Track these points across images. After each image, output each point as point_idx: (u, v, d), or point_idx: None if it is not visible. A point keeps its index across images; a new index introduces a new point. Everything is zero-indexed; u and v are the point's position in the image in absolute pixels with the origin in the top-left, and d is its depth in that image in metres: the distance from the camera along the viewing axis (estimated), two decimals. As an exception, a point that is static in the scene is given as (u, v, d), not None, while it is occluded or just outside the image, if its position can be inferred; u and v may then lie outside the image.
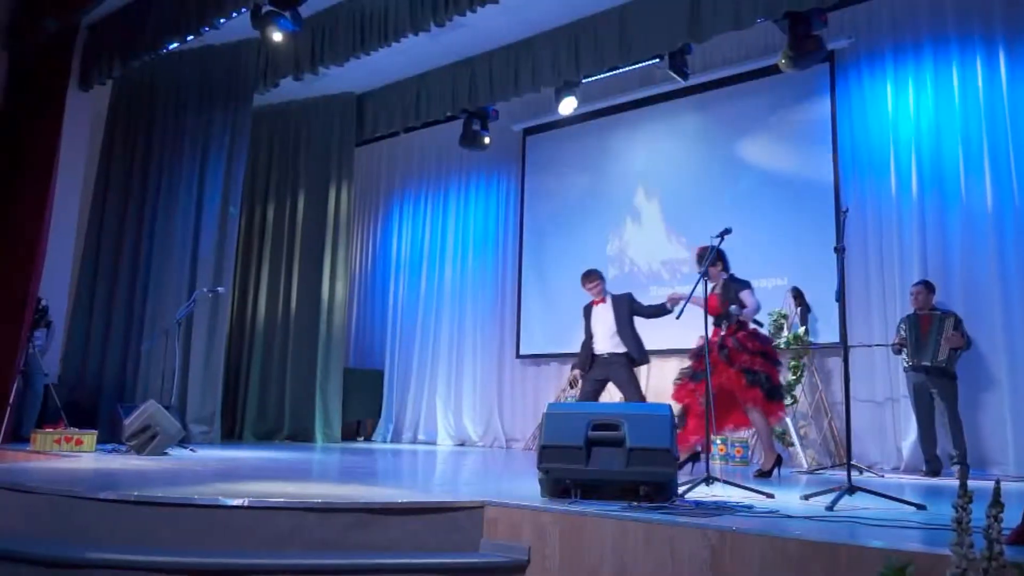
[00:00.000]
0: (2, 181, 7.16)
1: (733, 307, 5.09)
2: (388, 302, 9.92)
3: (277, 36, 6.62)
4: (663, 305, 5.70)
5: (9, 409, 6.58)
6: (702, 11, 6.23)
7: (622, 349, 5.79)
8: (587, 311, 6.07)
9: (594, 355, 5.90)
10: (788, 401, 6.51)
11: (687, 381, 5.26)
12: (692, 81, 7.43)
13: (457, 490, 3.82)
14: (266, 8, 6.40)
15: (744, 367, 4.98)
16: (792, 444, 6.41)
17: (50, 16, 6.80)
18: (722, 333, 5.16)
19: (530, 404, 8.57)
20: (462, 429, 8.92)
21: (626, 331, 5.82)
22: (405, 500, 3.10)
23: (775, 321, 6.76)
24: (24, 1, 7.34)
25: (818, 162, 6.96)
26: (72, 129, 7.28)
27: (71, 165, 7.40)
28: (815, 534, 2.42)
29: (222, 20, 6.62)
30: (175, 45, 7.18)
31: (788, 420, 6.43)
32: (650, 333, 7.62)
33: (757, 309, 5.20)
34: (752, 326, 5.19)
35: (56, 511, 3.18)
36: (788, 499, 3.62)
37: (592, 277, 6.09)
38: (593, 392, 5.93)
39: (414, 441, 9.15)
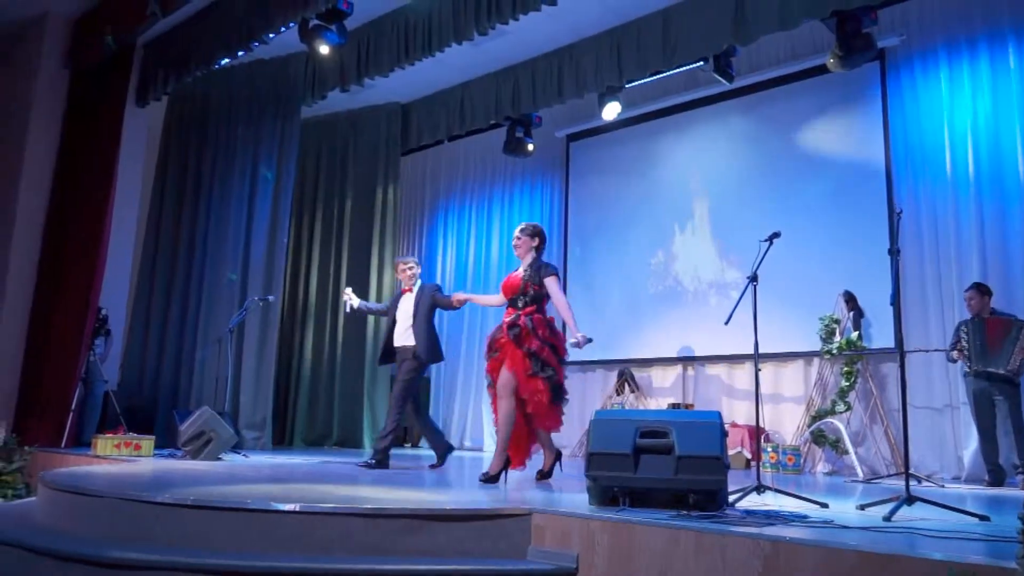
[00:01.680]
0: (65, 196, 7.42)
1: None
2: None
3: (324, 49, 6.74)
4: (451, 301, 5.53)
5: (72, 415, 6.80)
6: (747, 12, 6.16)
7: (411, 343, 5.51)
8: (395, 299, 5.79)
9: (394, 347, 5.63)
10: (842, 408, 6.38)
11: (491, 391, 4.69)
12: (738, 83, 7.35)
13: (504, 497, 3.82)
14: (313, 22, 6.52)
15: (531, 350, 4.45)
16: (846, 452, 6.26)
17: (109, 36, 7.03)
18: (517, 312, 4.63)
19: (576, 411, 8.49)
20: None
21: (421, 325, 5.50)
22: (453, 506, 3.11)
23: (826, 326, 6.62)
24: (84, 22, 7.61)
25: (870, 163, 6.80)
26: (129, 144, 7.51)
27: (129, 179, 7.64)
28: (873, 545, 2.35)
29: (271, 35, 6.76)
30: (226, 60, 7.36)
31: (842, 427, 6.29)
32: (698, 339, 7.55)
33: (567, 303, 4.67)
34: (551, 316, 4.69)
35: (117, 514, 3.28)
36: (843, 509, 3.53)
37: (406, 261, 5.82)
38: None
39: (460, 447, 9.18)
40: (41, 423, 6.75)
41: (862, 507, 3.48)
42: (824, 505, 3.53)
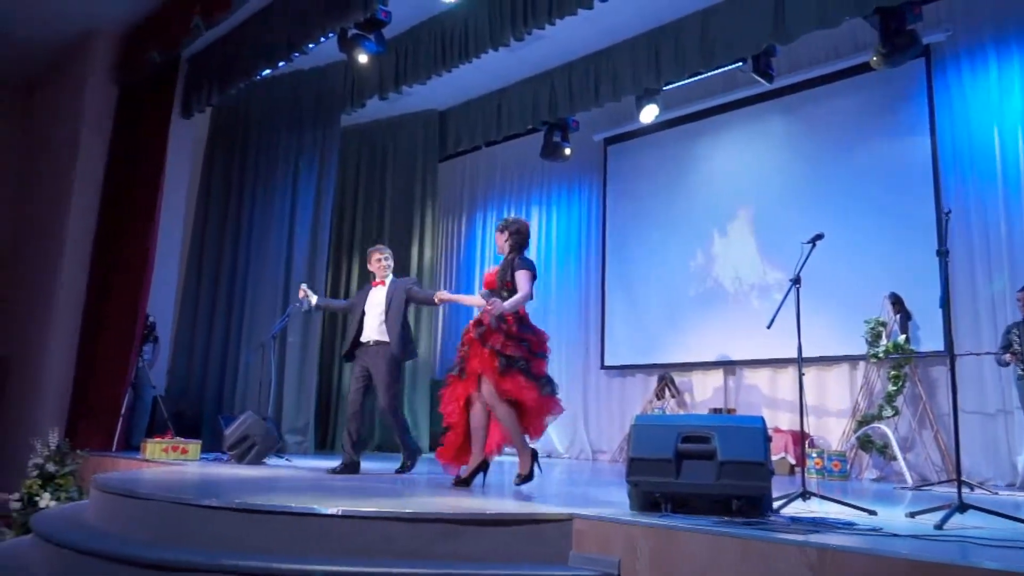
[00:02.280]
0: (114, 208, 7.61)
1: (483, 291, 4.49)
2: (473, 313, 10.01)
3: (363, 58, 6.82)
4: (431, 297, 5.35)
5: (121, 420, 6.97)
6: (787, 11, 6.07)
7: (385, 339, 5.26)
8: (364, 292, 5.52)
9: (359, 343, 5.34)
10: (889, 412, 6.24)
11: (451, 378, 4.49)
12: (778, 83, 7.25)
13: (545, 502, 3.81)
14: (352, 32, 6.60)
15: (495, 348, 4.23)
16: (895, 458, 6.12)
17: (154, 51, 7.21)
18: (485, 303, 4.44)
19: (616, 416, 8.48)
20: (548, 441, 8.89)
21: (395, 320, 5.24)
22: (493, 511, 3.11)
23: (872, 329, 6.49)
24: (131, 38, 7.82)
25: (916, 162, 6.65)
26: (175, 155, 7.68)
27: (174, 189, 7.82)
28: (923, 554, 2.29)
29: (311, 45, 6.86)
30: (267, 71, 7.49)
31: (890, 432, 6.15)
32: (740, 343, 7.46)
33: (517, 302, 4.33)
34: (523, 312, 4.44)
35: (165, 517, 3.35)
36: (892, 516, 3.45)
37: (382, 251, 5.54)
38: (361, 390, 5.30)
39: (500, 452, 9.18)
40: (93, 427, 6.93)
41: (912, 515, 3.39)
42: (872, 512, 3.45)
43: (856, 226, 6.83)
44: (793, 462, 6.64)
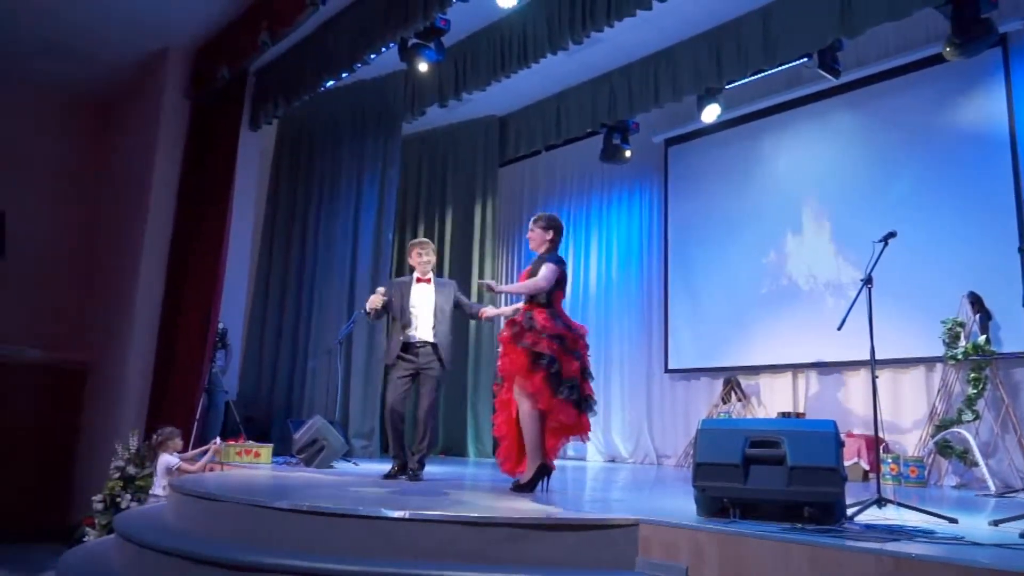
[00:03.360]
0: (187, 220, 7.89)
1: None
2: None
3: (423, 67, 6.92)
4: (477, 312, 5.18)
5: (196, 424, 7.21)
6: (853, 4, 5.90)
7: (436, 340, 5.05)
8: (402, 288, 5.18)
9: (408, 343, 5.05)
10: (969, 416, 6.00)
11: (496, 388, 4.45)
12: (845, 78, 7.04)
13: (610, 507, 3.79)
14: (412, 41, 6.71)
15: (526, 345, 4.13)
16: (976, 464, 5.87)
17: (224, 67, 7.45)
18: (521, 308, 4.37)
19: (680, 420, 8.37)
20: (612, 445, 8.84)
21: (444, 324, 5.09)
22: (559, 516, 3.11)
23: (950, 330, 6.24)
24: (202, 55, 8.10)
25: (993, 155, 6.37)
26: (244, 167, 7.89)
27: (244, 200, 8.06)
28: (1009, 564, 2.18)
29: (372, 56, 6.99)
30: (331, 83, 7.66)
31: (971, 438, 5.90)
32: (809, 345, 7.28)
33: (537, 286, 4.28)
34: (552, 309, 4.33)
35: (240, 518, 3.45)
36: (974, 525, 3.31)
37: (423, 246, 5.28)
38: (404, 391, 5.03)
39: (563, 457, 9.16)
40: (169, 432, 7.17)
41: (995, 523, 3.25)
42: (953, 520, 3.32)
43: (931, 223, 6.59)
44: (867, 468, 6.43)
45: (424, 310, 5.13)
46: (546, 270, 4.33)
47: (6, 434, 8.28)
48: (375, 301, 5.17)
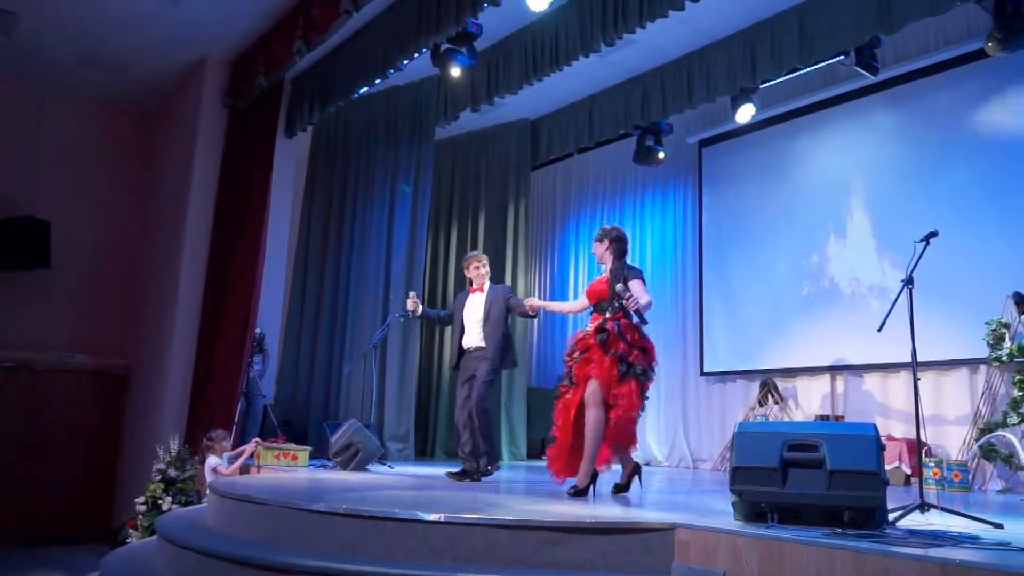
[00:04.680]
0: (225, 226, 8.02)
1: (619, 286, 4.36)
2: (567, 320, 10.02)
3: (455, 71, 6.95)
4: (527, 308, 5.29)
5: (235, 427, 7.32)
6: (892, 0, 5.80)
7: (486, 344, 5.31)
8: (461, 299, 5.60)
9: (462, 350, 5.40)
10: (1015, 419, 5.85)
11: (562, 388, 4.49)
12: (883, 75, 6.92)
13: (646, 511, 3.77)
14: (445, 46, 6.74)
15: (620, 354, 4.27)
16: (1022, 467, 5.72)
17: (261, 74, 7.57)
18: (605, 317, 4.44)
19: (716, 423, 8.28)
20: (647, 448, 8.77)
21: (494, 328, 5.29)
22: (595, 519, 3.10)
23: (994, 331, 6.09)
24: (239, 64, 8.24)
25: (1039, 152, 6.22)
26: (280, 174, 8.00)
27: (280, 207, 8.17)
28: (1059, 571, 2.13)
29: (405, 62, 7.04)
30: (364, 89, 7.73)
31: (1016, 440, 5.75)
32: (848, 347, 7.16)
33: (649, 304, 4.42)
34: (636, 320, 4.44)
35: (279, 521, 3.50)
36: (1021, 530, 3.23)
37: (479, 258, 5.60)
38: (463, 400, 5.31)
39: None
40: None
41: (1045, 529, 3.17)
42: (998, 526, 3.24)
43: (974, 222, 6.44)
44: (908, 472, 6.30)
45: (474, 318, 5.44)
46: (641, 288, 4.47)
47: (53, 437, 8.50)
48: (410, 304, 5.71)
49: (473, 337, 5.40)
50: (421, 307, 5.82)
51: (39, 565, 6.59)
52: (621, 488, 4.57)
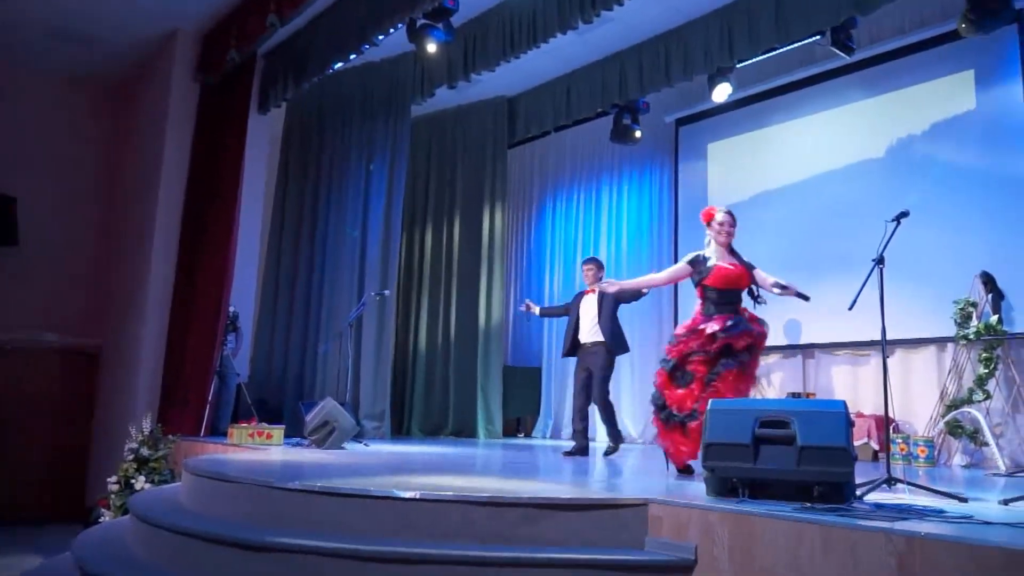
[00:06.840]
0: (197, 203, 7.91)
1: (762, 273, 4.51)
2: (544, 299, 10.04)
3: (432, 47, 6.87)
4: (636, 291, 5.90)
5: (208, 406, 7.27)
6: (867, -20, 5.82)
7: (600, 338, 5.97)
8: (578, 298, 6.28)
9: (579, 344, 6.09)
10: (980, 396, 5.98)
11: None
12: (858, 56, 6.97)
13: (620, 487, 3.81)
14: (421, 22, 6.66)
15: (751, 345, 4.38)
16: (986, 443, 5.86)
17: (233, 49, 7.42)
18: (738, 313, 4.47)
19: (691, 401, 8.35)
20: (621, 427, 8.83)
21: (607, 322, 5.98)
22: (570, 496, 3.13)
23: (962, 309, 6.21)
24: (210, 38, 8.08)
25: (1008, 134, 6.30)
26: (253, 150, 7.90)
27: (253, 183, 8.07)
28: (1021, 542, 2.18)
29: (381, 37, 6.95)
30: (339, 65, 7.63)
31: (981, 417, 5.89)
32: (819, 326, 7.23)
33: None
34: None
35: (254, 499, 3.49)
36: (984, 504, 3.31)
37: (593, 263, 6.32)
38: (584, 382, 6.03)
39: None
40: (182, 414, 7.24)
41: (1006, 502, 3.25)
42: (963, 499, 3.32)
43: (944, 202, 6.54)
44: (876, 448, 6.43)
45: (588, 315, 6.10)
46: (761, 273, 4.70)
47: (23, 418, 8.38)
48: (524, 308, 6.78)
49: (587, 334, 6.06)
50: (537, 308, 6.66)
51: (10, 546, 6.53)
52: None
